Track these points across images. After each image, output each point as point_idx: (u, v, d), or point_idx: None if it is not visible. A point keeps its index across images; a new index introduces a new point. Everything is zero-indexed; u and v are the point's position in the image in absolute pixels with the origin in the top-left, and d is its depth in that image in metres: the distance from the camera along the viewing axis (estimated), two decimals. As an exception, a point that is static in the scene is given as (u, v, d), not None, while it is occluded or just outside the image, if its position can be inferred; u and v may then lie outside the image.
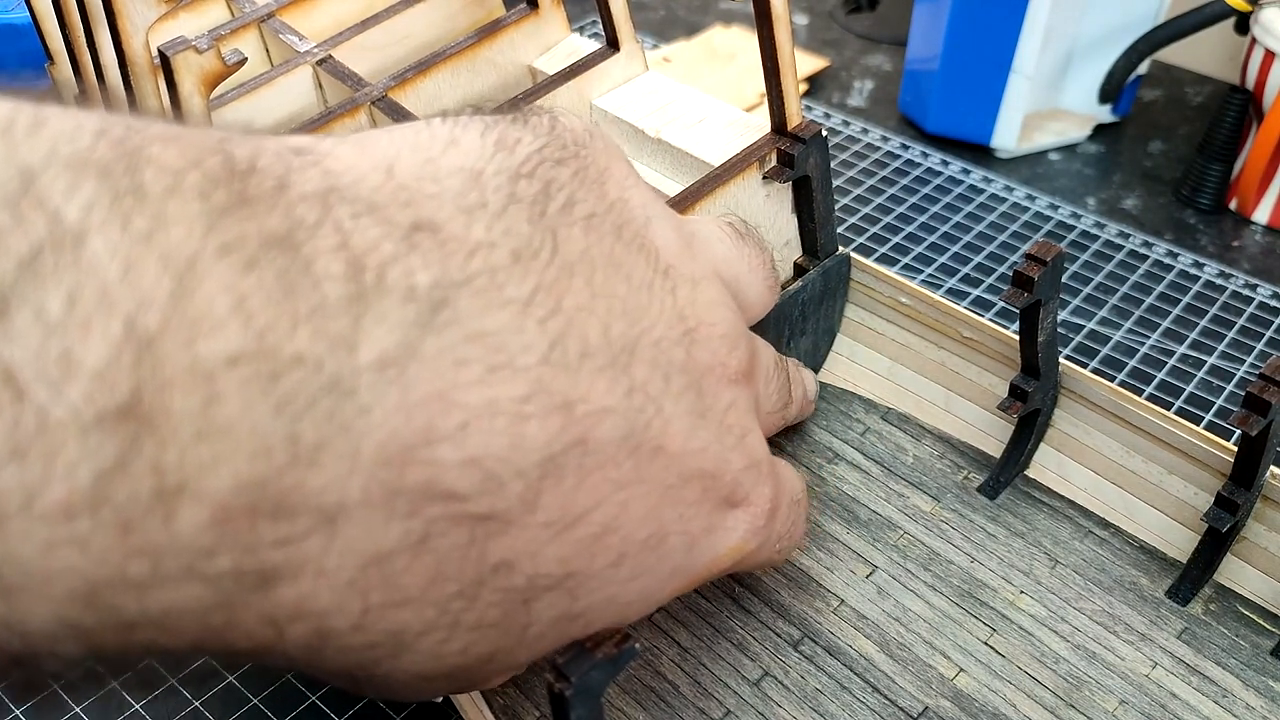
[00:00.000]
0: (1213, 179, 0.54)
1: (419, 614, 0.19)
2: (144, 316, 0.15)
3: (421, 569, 0.18)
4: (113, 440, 0.15)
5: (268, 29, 0.41)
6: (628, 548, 0.21)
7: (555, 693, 0.21)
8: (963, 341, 0.35)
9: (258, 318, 0.16)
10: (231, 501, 0.16)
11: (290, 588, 0.17)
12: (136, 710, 0.32)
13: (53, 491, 0.14)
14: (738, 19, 0.68)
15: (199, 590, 0.16)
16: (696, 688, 0.30)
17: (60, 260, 0.15)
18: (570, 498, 0.19)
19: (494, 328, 0.18)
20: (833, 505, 0.34)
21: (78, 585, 0.15)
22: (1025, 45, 0.54)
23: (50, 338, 0.14)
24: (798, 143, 0.33)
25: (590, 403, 0.20)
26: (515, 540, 0.19)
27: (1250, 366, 0.46)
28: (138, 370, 0.15)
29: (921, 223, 0.54)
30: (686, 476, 0.22)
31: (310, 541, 0.17)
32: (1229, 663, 0.30)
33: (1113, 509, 0.33)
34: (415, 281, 0.18)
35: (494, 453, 0.18)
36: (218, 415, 0.15)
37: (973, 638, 0.31)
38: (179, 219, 0.16)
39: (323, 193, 0.17)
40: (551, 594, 0.20)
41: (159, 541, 0.15)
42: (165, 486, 0.15)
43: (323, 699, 0.33)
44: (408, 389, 0.17)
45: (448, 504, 0.18)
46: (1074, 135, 0.59)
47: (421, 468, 0.17)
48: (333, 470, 0.17)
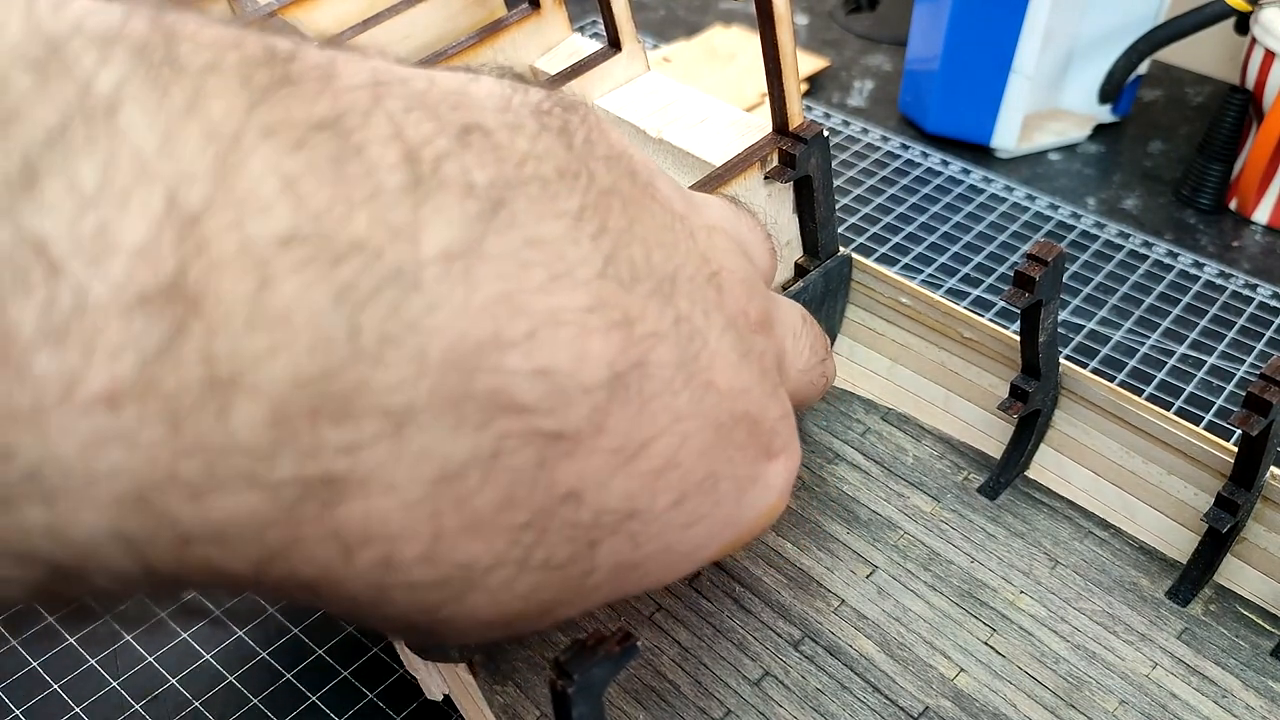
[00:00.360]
0: (1213, 179, 0.54)
1: (490, 545, 0.18)
2: (187, 192, 0.14)
3: (493, 491, 0.17)
4: (158, 323, 0.14)
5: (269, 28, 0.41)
6: (687, 487, 0.20)
7: (557, 690, 0.21)
8: (963, 342, 0.35)
9: (311, 200, 0.15)
10: (291, 397, 0.15)
11: (358, 502, 0.16)
12: (136, 710, 0.32)
13: (95, 379, 0.13)
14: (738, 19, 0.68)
15: (259, 499, 0.15)
16: (697, 687, 0.30)
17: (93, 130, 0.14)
18: (635, 423, 0.19)
19: (551, 235, 0.17)
20: (833, 505, 0.34)
21: (126, 487, 0.14)
22: (1025, 45, 0.54)
23: (85, 211, 0.13)
24: (799, 143, 0.33)
25: (647, 324, 0.19)
26: (584, 466, 0.18)
27: (1250, 366, 0.46)
28: (181, 248, 0.14)
29: (921, 223, 0.54)
30: (736, 417, 0.21)
31: (378, 448, 0.16)
32: (1229, 663, 0.30)
33: (1113, 509, 0.33)
34: (473, 179, 0.17)
35: (562, 365, 0.17)
36: (272, 301, 0.14)
37: (973, 638, 0.31)
38: (220, 93, 0.15)
39: (371, 84, 0.17)
40: (615, 538, 0.19)
41: (213, 440, 0.14)
42: (217, 377, 0.14)
43: (323, 699, 0.33)
44: (474, 288, 0.16)
45: (519, 417, 0.17)
46: (1074, 135, 0.59)
47: (491, 375, 0.16)
48: (400, 369, 0.15)
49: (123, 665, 0.34)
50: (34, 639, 0.34)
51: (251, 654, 0.34)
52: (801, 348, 0.26)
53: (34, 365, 0.13)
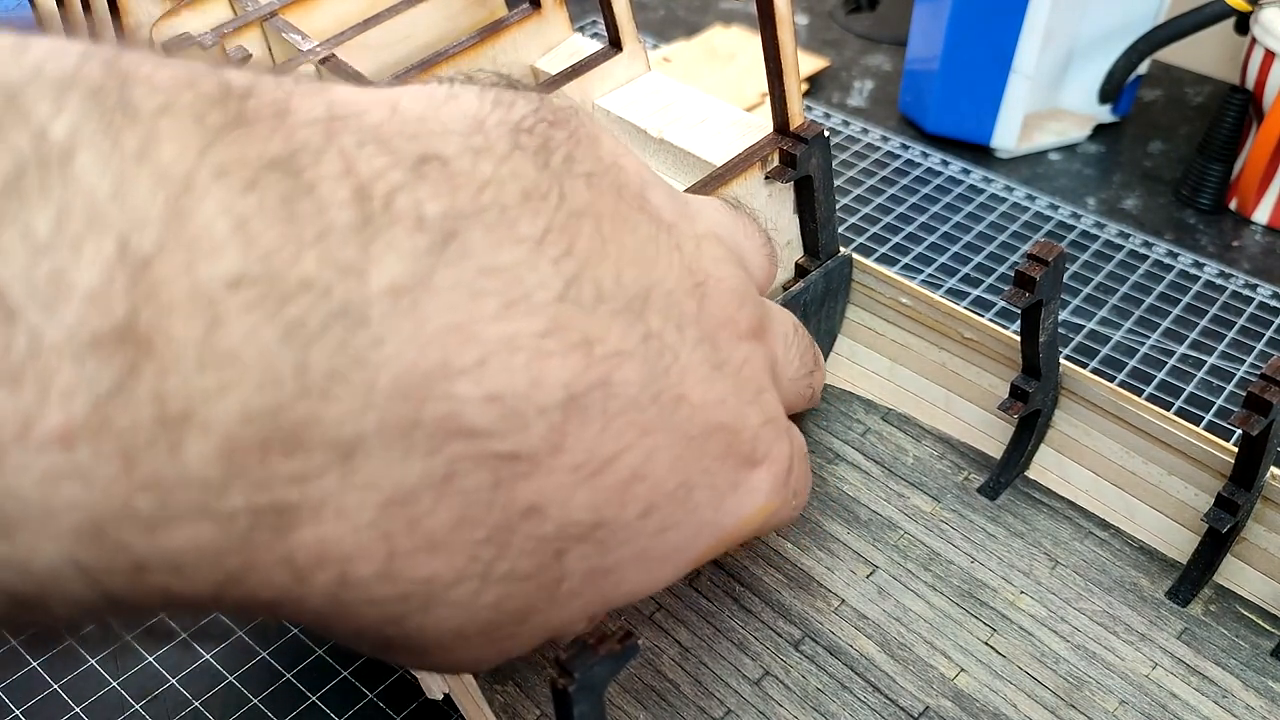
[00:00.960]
0: (1213, 179, 0.54)
1: (449, 561, 0.18)
2: (138, 237, 0.14)
3: (447, 511, 0.18)
4: (110, 365, 0.14)
5: (270, 27, 0.41)
6: (656, 497, 0.20)
7: (558, 689, 0.21)
8: (963, 342, 0.35)
9: (260, 240, 0.15)
10: (240, 432, 0.15)
11: (310, 529, 0.16)
12: (136, 710, 0.32)
13: (50, 418, 0.14)
14: (738, 19, 0.68)
15: (212, 529, 0.15)
16: (697, 687, 0.30)
17: (46, 178, 0.14)
18: (597, 441, 0.19)
19: (508, 263, 0.18)
20: (833, 505, 0.34)
21: (82, 520, 0.14)
22: (1025, 45, 0.54)
23: (40, 257, 0.14)
24: (800, 143, 0.33)
25: (609, 344, 0.19)
26: (543, 483, 0.19)
27: (1250, 366, 0.46)
28: (133, 292, 0.14)
29: (921, 223, 0.54)
30: (709, 429, 0.21)
31: (327, 478, 0.16)
32: (1229, 663, 0.30)
33: (1113, 510, 0.33)
34: (425, 211, 0.17)
35: (515, 389, 0.18)
36: (221, 341, 0.15)
37: (973, 638, 0.31)
38: (172, 137, 0.15)
39: (326, 119, 0.17)
40: (583, 545, 0.20)
41: (166, 474, 0.15)
42: (169, 415, 0.15)
43: (323, 699, 0.33)
44: (422, 320, 0.17)
45: (470, 441, 0.17)
46: (1074, 135, 0.59)
47: (440, 402, 0.17)
48: (347, 402, 0.16)
49: (123, 665, 0.33)
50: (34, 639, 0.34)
51: (251, 654, 0.34)
52: (792, 356, 0.27)
53: None
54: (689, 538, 0.22)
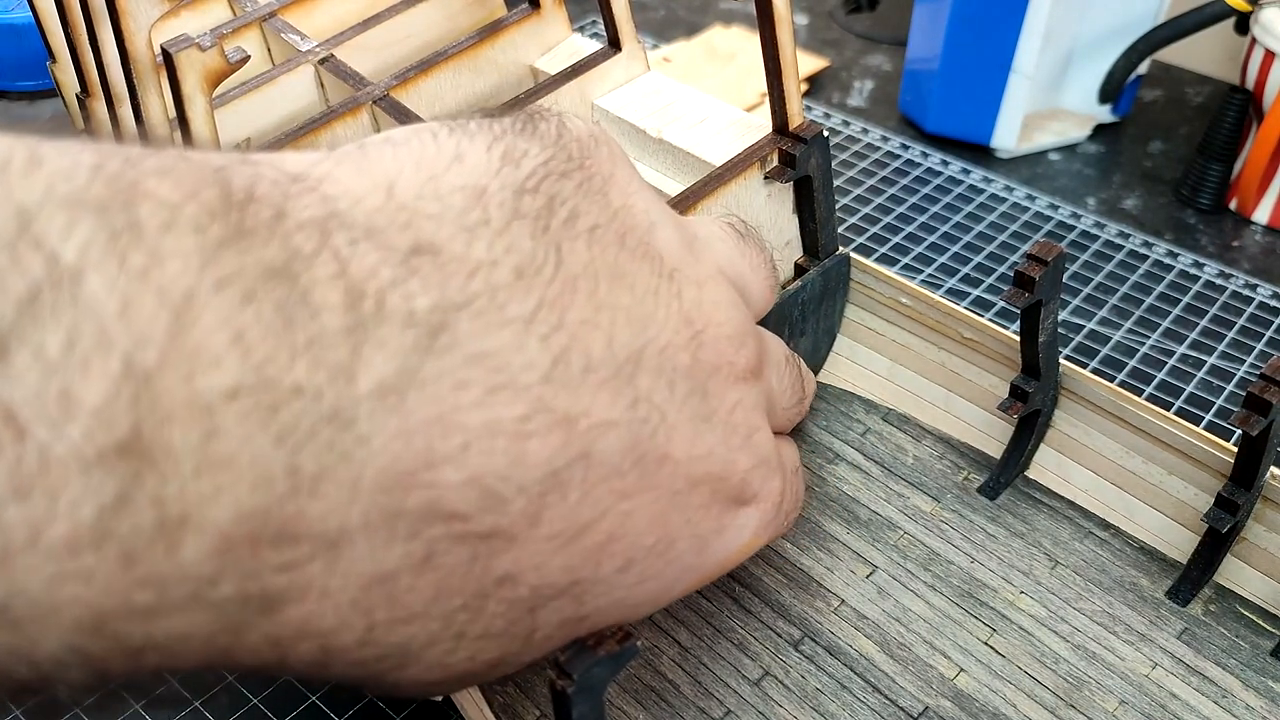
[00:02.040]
0: (1213, 179, 0.54)
1: (424, 628, 0.19)
2: (142, 353, 0.15)
3: (425, 586, 0.18)
4: (114, 476, 0.15)
5: (269, 28, 0.41)
6: (634, 553, 0.21)
7: (557, 690, 0.21)
8: (963, 342, 0.35)
9: (256, 350, 0.16)
10: (233, 531, 0.16)
11: (295, 609, 0.17)
12: (136, 711, 0.32)
13: (57, 528, 0.15)
14: (738, 19, 0.68)
15: (204, 616, 0.16)
16: (697, 687, 0.30)
17: (58, 300, 0.15)
18: (574, 510, 0.20)
19: (495, 348, 0.18)
20: (833, 505, 0.34)
21: (84, 615, 0.15)
22: (1025, 45, 0.54)
23: (50, 377, 0.14)
24: (799, 143, 0.33)
25: (593, 417, 0.20)
26: (519, 554, 0.19)
27: (1250, 366, 0.46)
28: (137, 407, 0.15)
29: (921, 223, 0.54)
30: (694, 481, 0.22)
31: (313, 566, 0.17)
32: (1229, 663, 0.30)
33: (1113, 510, 0.33)
34: (414, 306, 0.18)
35: (495, 471, 0.18)
36: (218, 448, 0.16)
37: (973, 638, 0.31)
38: (175, 254, 0.16)
39: (321, 220, 0.18)
40: (557, 601, 0.20)
41: (163, 571, 0.16)
42: (167, 519, 0.15)
43: (323, 699, 0.33)
44: (407, 415, 0.17)
45: (449, 524, 0.18)
46: (1074, 135, 0.59)
47: (423, 491, 0.18)
48: (334, 498, 0.17)
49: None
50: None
51: (251, 654, 0.34)
52: (785, 387, 0.27)
53: (3, 516, 0.14)
54: (669, 584, 0.23)
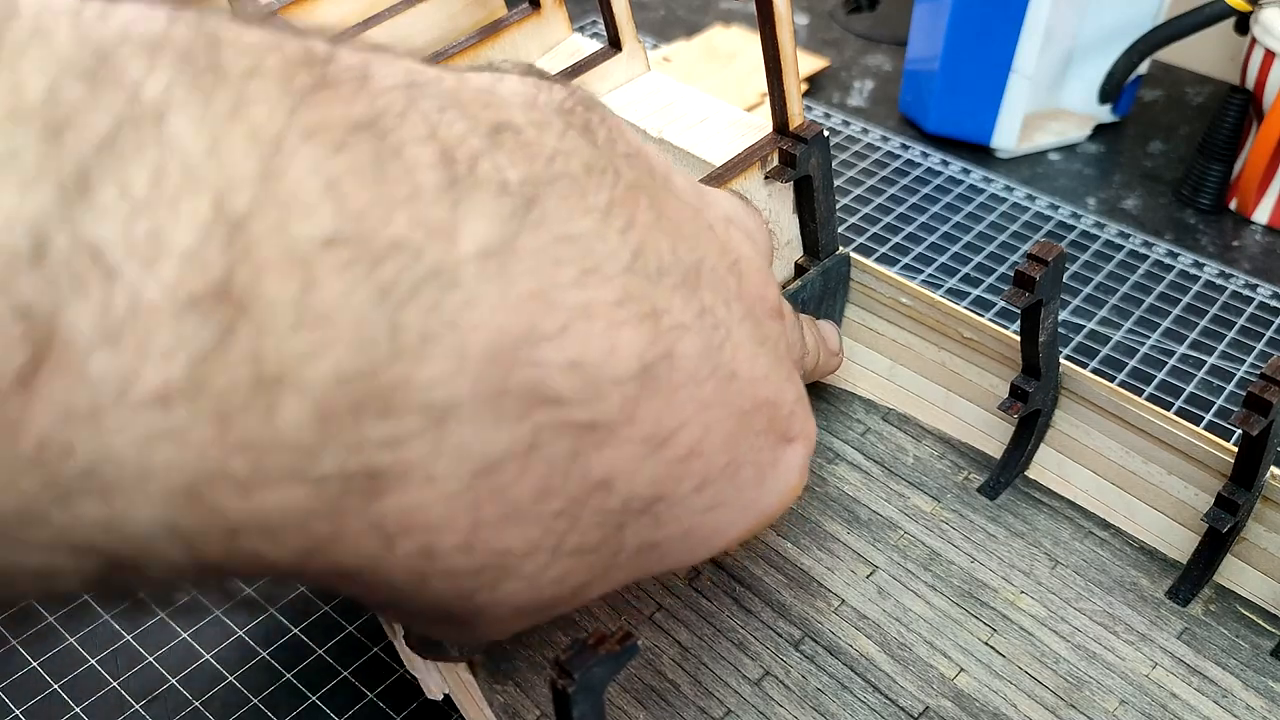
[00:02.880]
0: (1213, 179, 0.54)
1: (525, 533, 0.18)
2: (233, 196, 0.14)
3: (529, 481, 0.18)
4: (208, 324, 0.14)
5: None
6: (710, 473, 0.21)
7: (558, 689, 0.21)
8: (963, 342, 0.35)
9: (352, 200, 0.15)
10: (335, 395, 0.15)
11: (399, 495, 0.16)
12: (136, 710, 0.32)
13: (148, 378, 0.14)
14: (738, 19, 0.68)
15: (304, 493, 0.15)
16: (697, 687, 0.30)
17: (142, 136, 0.14)
18: (663, 413, 0.19)
19: (581, 232, 0.18)
20: (833, 505, 0.34)
21: (177, 482, 0.14)
22: (1025, 45, 0.54)
23: (137, 215, 0.14)
24: (799, 143, 0.33)
25: (673, 316, 0.19)
26: (615, 455, 0.19)
27: (1250, 366, 0.46)
28: (229, 251, 0.14)
29: (921, 223, 0.54)
30: (757, 403, 0.22)
31: (419, 442, 0.16)
32: (1229, 663, 0.30)
33: (1113, 509, 0.33)
34: (507, 176, 0.17)
35: (593, 357, 0.18)
36: (316, 301, 0.15)
37: (973, 638, 0.31)
38: (262, 98, 0.15)
39: (405, 85, 0.17)
40: (642, 519, 0.20)
41: (260, 437, 0.15)
42: (264, 375, 0.14)
43: (323, 699, 0.33)
44: (509, 284, 0.17)
45: (554, 409, 0.17)
46: (1074, 135, 0.59)
47: (527, 369, 0.17)
48: (441, 365, 0.16)
49: (123, 665, 0.34)
50: (34, 639, 0.34)
51: (251, 654, 0.34)
52: (795, 337, 0.27)
53: (91, 366, 0.14)
54: (736, 516, 0.22)
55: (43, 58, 0.14)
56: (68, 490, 0.14)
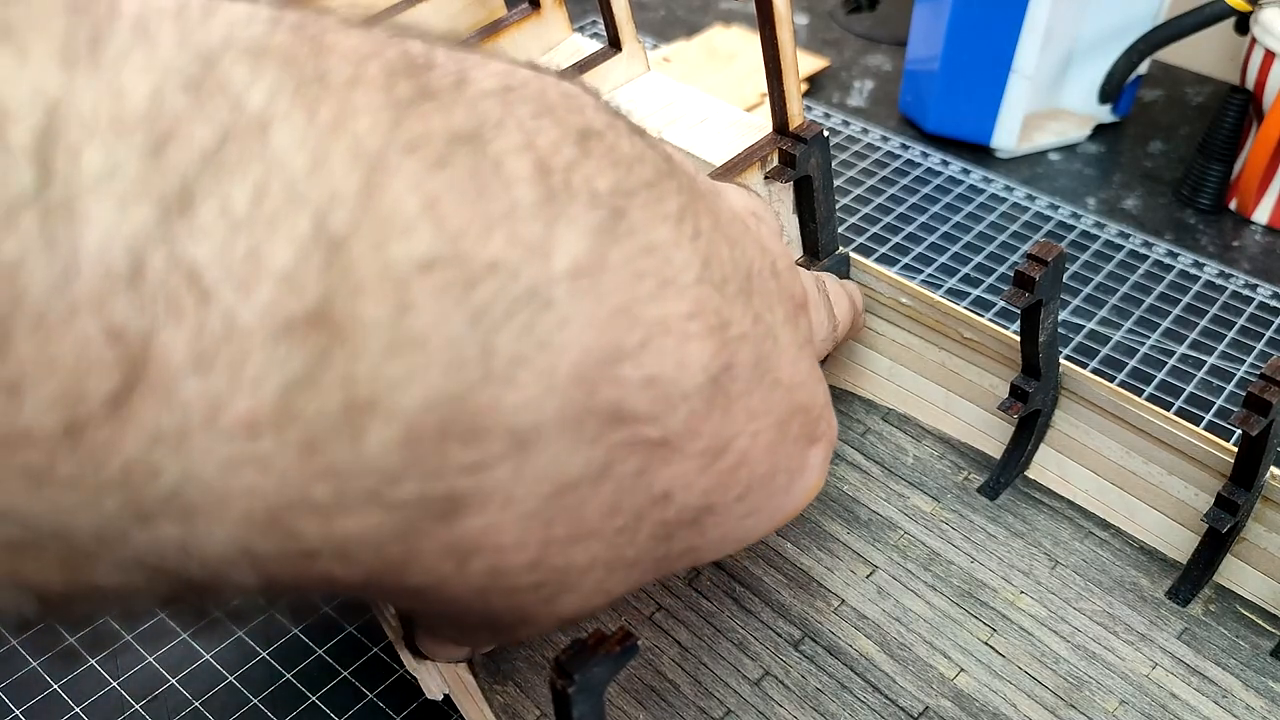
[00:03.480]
0: (1213, 179, 0.54)
1: (589, 550, 0.18)
2: (333, 215, 0.14)
3: (600, 501, 0.17)
4: (302, 350, 0.14)
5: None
6: (752, 481, 0.21)
7: (558, 690, 0.21)
8: (963, 342, 0.35)
9: (450, 220, 0.15)
10: (423, 420, 0.15)
11: (476, 518, 0.16)
12: (136, 710, 0.32)
13: (238, 405, 0.13)
14: (738, 19, 0.68)
15: (382, 519, 0.15)
16: (697, 687, 0.30)
17: (246, 150, 0.13)
18: (721, 425, 0.19)
19: (660, 242, 0.18)
20: (833, 505, 0.34)
21: (258, 508, 0.14)
22: (1025, 45, 0.54)
23: (236, 235, 0.13)
24: (799, 143, 0.33)
25: (736, 326, 0.19)
26: (678, 469, 0.18)
27: (1250, 366, 0.46)
28: (328, 274, 0.14)
29: (921, 223, 0.54)
30: (795, 409, 0.21)
31: (502, 467, 0.16)
32: (1229, 663, 0.30)
33: (1113, 509, 0.33)
34: (597, 187, 0.17)
35: (667, 373, 0.17)
36: (411, 325, 0.14)
37: (973, 638, 0.31)
38: (365, 110, 0.14)
39: (500, 91, 0.16)
40: (689, 529, 0.20)
41: (345, 463, 0.14)
42: (355, 402, 0.14)
43: (323, 699, 0.33)
44: (599, 301, 0.16)
45: (629, 428, 0.17)
46: (1074, 135, 0.59)
47: (610, 388, 0.16)
48: (530, 389, 0.15)
49: (123, 665, 0.33)
50: (34, 639, 0.34)
51: (251, 654, 0.34)
52: (822, 318, 0.27)
53: (182, 390, 0.13)
54: (764, 520, 0.22)
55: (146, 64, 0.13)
56: (150, 512, 0.14)
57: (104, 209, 0.13)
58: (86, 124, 0.13)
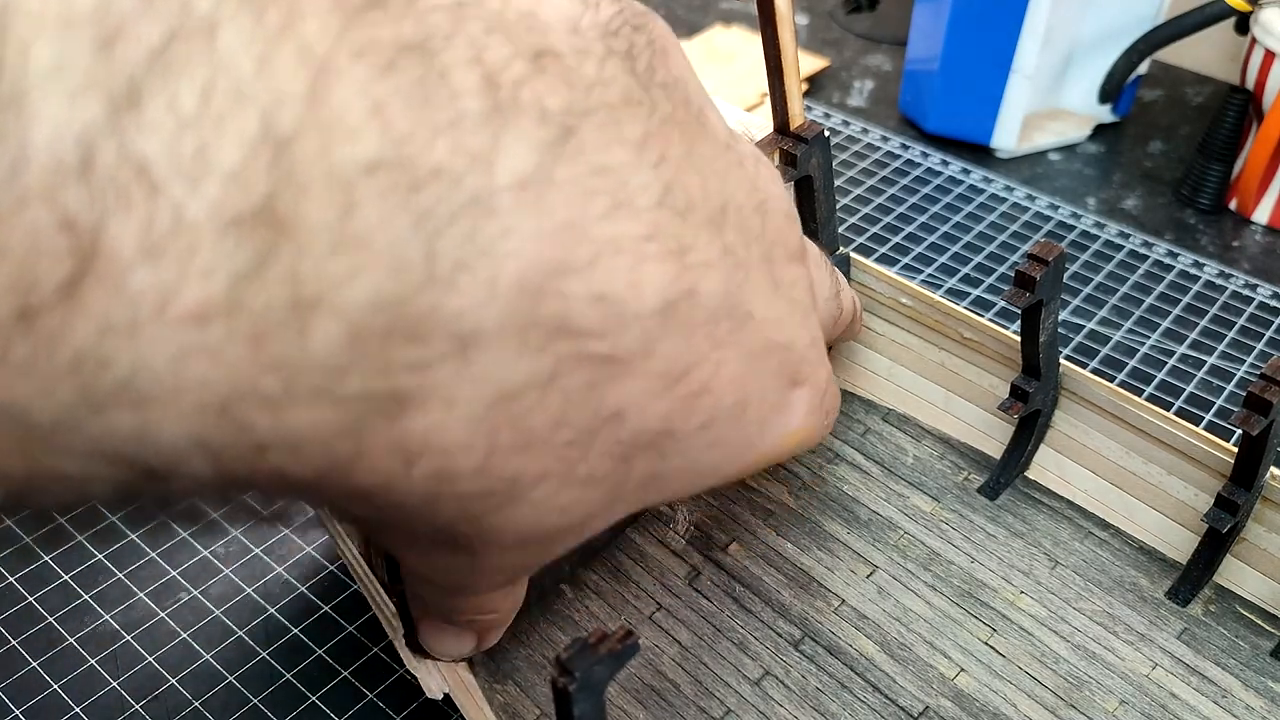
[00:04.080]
0: (1213, 179, 0.54)
1: (538, 461, 0.19)
2: (279, 115, 0.14)
3: (546, 411, 0.18)
4: (249, 244, 0.14)
5: None
6: (717, 411, 0.21)
7: (559, 688, 0.21)
8: (963, 342, 0.35)
9: (395, 125, 0.15)
10: (367, 319, 0.15)
11: (420, 417, 0.17)
12: (136, 710, 0.32)
13: (187, 295, 0.14)
14: (738, 19, 0.68)
15: (330, 413, 0.16)
16: (697, 687, 0.30)
17: (192, 50, 0.14)
18: (680, 350, 0.19)
19: (615, 164, 0.18)
20: (833, 505, 0.34)
21: (209, 398, 0.15)
22: (1025, 45, 0.54)
23: (184, 132, 0.14)
24: (800, 143, 0.33)
25: (698, 253, 0.19)
26: (631, 388, 0.19)
27: (1250, 366, 0.46)
28: (274, 172, 0.14)
29: (921, 223, 0.54)
30: (769, 346, 0.22)
31: (444, 368, 0.16)
32: (1229, 663, 0.30)
33: (1113, 510, 0.33)
34: (547, 104, 0.17)
35: (617, 291, 0.18)
36: (355, 226, 0.15)
37: (973, 638, 0.31)
38: (313, 14, 0.15)
39: (453, 6, 0.17)
40: (649, 453, 0.20)
41: (292, 356, 0.15)
42: (301, 297, 0.15)
43: (323, 699, 0.33)
44: (544, 215, 0.17)
45: (576, 341, 0.18)
46: (1074, 135, 0.59)
47: (555, 301, 0.17)
48: (472, 295, 0.16)
49: (123, 665, 0.33)
50: (34, 638, 0.34)
51: (251, 654, 0.34)
52: (824, 276, 0.27)
53: (132, 281, 0.14)
54: (733, 454, 0.22)
55: None
56: (103, 401, 0.14)
57: (53, 103, 0.13)
58: (35, 19, 0.13)
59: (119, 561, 0.36)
